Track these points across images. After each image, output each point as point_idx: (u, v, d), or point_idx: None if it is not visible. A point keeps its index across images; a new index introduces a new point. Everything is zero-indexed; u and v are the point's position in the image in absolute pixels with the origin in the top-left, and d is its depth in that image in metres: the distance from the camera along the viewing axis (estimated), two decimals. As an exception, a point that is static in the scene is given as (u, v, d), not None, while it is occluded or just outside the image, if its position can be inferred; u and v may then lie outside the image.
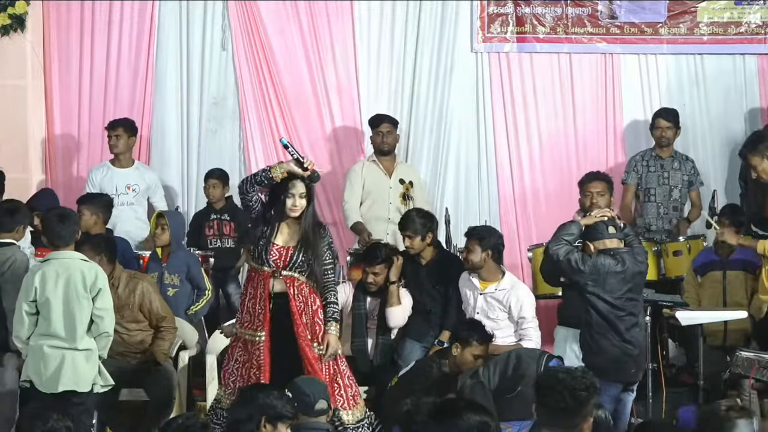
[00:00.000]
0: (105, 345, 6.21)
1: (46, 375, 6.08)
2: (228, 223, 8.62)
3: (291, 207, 6.05)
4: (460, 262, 7.41)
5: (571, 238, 6.33)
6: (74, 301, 6.07)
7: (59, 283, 6.08)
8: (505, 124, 9.20)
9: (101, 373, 6.22)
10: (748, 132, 8.99)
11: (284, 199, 6.06)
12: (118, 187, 8.55)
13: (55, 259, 6.18)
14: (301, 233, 6.10)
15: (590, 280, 6.19)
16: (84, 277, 6.10)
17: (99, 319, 6.13)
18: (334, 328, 6.15)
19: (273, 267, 6.06)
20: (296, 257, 6.07)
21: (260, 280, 6.11)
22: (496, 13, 9.16)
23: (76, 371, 6.09)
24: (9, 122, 8.97)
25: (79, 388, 6.10)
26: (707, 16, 9.12)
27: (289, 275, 6.07)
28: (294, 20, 9.19)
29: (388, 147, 8.54)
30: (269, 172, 6.02)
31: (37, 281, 6.11)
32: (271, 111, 9.20)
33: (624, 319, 6.22)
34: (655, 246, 8.01)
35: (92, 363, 6.16)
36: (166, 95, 9.23)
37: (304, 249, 6.07)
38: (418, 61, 9.19)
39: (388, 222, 8.36)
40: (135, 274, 7.18)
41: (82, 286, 6.09)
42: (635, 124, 9.15)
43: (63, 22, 9.20)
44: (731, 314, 7.21)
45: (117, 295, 6.90)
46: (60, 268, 6.12)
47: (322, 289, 6.16)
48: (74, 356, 6.09)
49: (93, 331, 6.14)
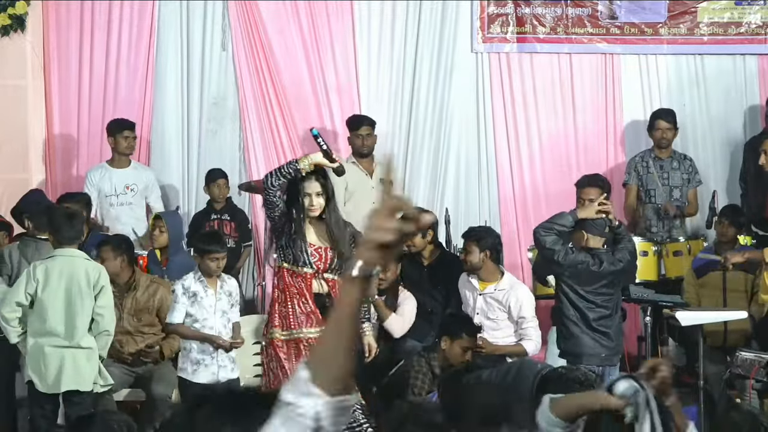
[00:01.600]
0: (105, 344, 6.22)
1: (47, 375, 6.10)
2: (228, 223, 8.63)
3: (309, 206, 5.90)
4: (461, 262, 7.41)
5: (562, 229, 6.55)
6: (77, 298, 6.11)
7: (62, 281, 6.13)
8: (505, 124, 9.20)
9: (101, 373, 6.23)
10: (748, 132, 8.99)
11: (302, 199, 5.91)
12: (116, 188, 8.55)
13: (60, 256, 6.23)
14: (328, 233, 5.96)
15: (567, 272, 6.54)
16: (88, 275, 6.15)
17: (99, 317, 6.16)
18: (371, 329, 6.09)
19: (315, 269, 5.91)
20: (335, 259, 5.94)
21: (301, 280, 5.90)
22: (496, 14, 9.16)
23: (78, 370, 6.11)
24: (9, 122, 8.97)
25: (81, 388, 6.12)
26: (707, 16, 9.11)
27: (331, 277, 5.95)
28: (294, 20, 9.18)
29: (368, 149, 8.53)
30: (296, 164, 5.87)
31: (40, 275, 6.16)
32: (271, 111, 9.20)
33: (594, 311, 6.54)
34: (655, 246, 8.00)
35: (93, 362, 6.17)
36: (166, 95, 9.23)
37: (337, 249, 5.94)
38: (418, 62, 9.19)
39: None
40: (155, 278, 7.24)
41: (86, 283, 6.13)
42: (635, 125, 9.15)
43: (63, 22, 9.20)
44: (731, 314, 7.19)
45: (136, 299, 6.95)
46: (64, 265, 6.18)
47: None
48: (75, 355, 6.10)
49: (93, 330, 6.15)
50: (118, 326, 6.92)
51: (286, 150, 9.18)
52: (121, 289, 6.97)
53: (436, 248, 7.59)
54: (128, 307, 6.98)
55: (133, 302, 6.98)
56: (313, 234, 5.98)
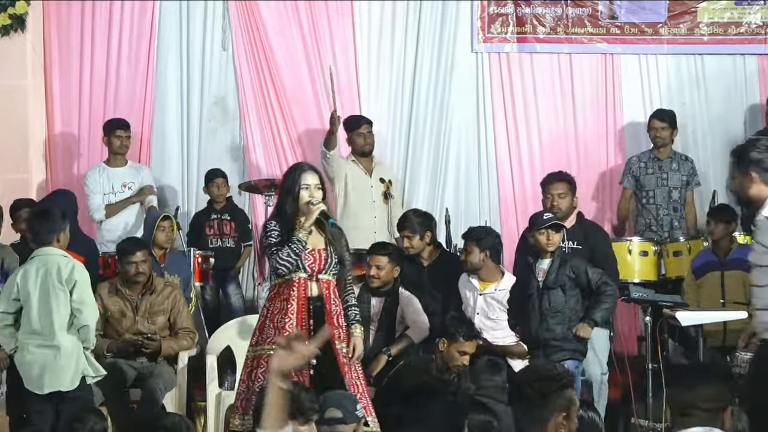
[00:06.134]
0: (86, 335, 6.20)
1: (32, 375, 6.12)
2: (228, 223, 8.63)
3: (309, 198, 5.80)
4: (461, 262, 7.40)
5: None
6: (51, 294, 6.12)
7: (38, 279, 6.13)
8: (506, 124, 9.20)
9: (91, 364, 6.22)
10: (749, 132, 8.98)
11: (298, 192, 5.82)
12: (114, 186, 8.55)
13: (38, 256, 6.24)
14: (324, 233, 5.90)
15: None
16: (60, 270, 6.12)
17: (77, 312, 6.16)
18: (360, 330, 6.01)
19: (309, 272, 5.84)
20: (330, 259, 5.88)
21: (294, 288, 5.83)
22: (496, 14, 9.16)
23: (58, 373, 6.11)
24: (9, 122, 8.96)
25: (63, 388, 6.11)
26: (707, 16, 9.11)
27: (325, 278, 5.89)
28: (294, 20, 9.18)
29: (370, 148, 8.52)
30: (299, 238, 5.74)
31: (18, 278, 6.19)
32: (271, 111, 9.20)
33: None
34: (655, 246, 8.00)
35: (74, 360, 6.15)
36: (166, 95, 9.23)
37: (333, 249, 5.89)
38: (418, 61, 9.19)
39: (375, 220, 8.35)
40: (168, 281, 7.26)
41: (57, 279, 6.11)
42: (635, 125, 9.14)
43: (63, 22, 9.20)
44: (731, 314, 7.18)
45: (150, 302, 6.95)
46: (39, 263, 6.18)
47: (342, 292, 5.97)
48: (55, 355, 6.10)
49: (75, 325, 6.15)
50: (132, 329, 6.95)
51: (287, 150, 9.19)
52: (137, 291, 6.99)
53: (436, 249, 7.59)
54: (143, 310, 6.98)
55: (147, 305, 6.99)
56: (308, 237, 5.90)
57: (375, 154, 8.61)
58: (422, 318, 7.19)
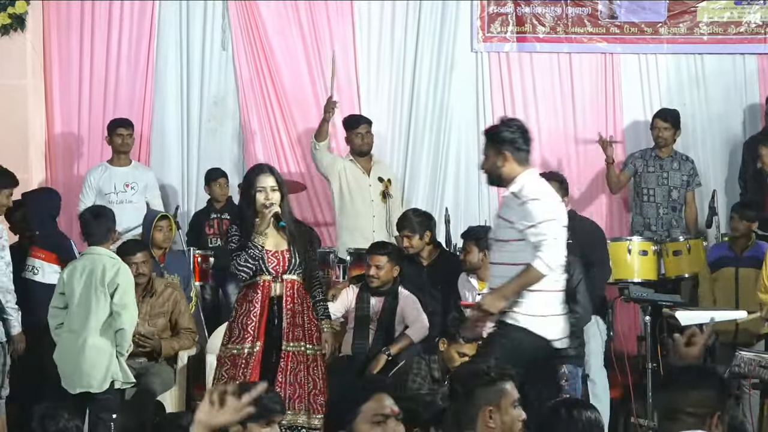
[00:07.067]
0: (121, 342, 6.26)
1: (65, 374, 6.20)
2: (228, 223, 8.62)
3: (264, 201, 5.82)
4: (461, 262, 7.40)
5: None
6: (92, 294, 6.22)
7: (83, 277, 6.26)
8: (505, 123, 9.19)
9: (122, 370, 6.27)
10: (748, 131, 8.99)
11: (254, 195, 5.85)
12: (116, 186, 8.55)
13: (87, 254, 6.42)
14: (287, 234, 5.93)
15: None
16: (104, 271, 6.23)
17: (116, 315, 6.27)
18: (328, 326, 6.09)
19: (273, 274, 5.91)
20: (294, 259, 5.93)
21: (258, 290, 5.90)
22: (496, 13, 9.16)
23: (88, 373, 6.16)
24: (9, 122, 8.97)
25: (93, 390, 6.16)
26: (707, 15, 9.11)
27: (290, 278, 5.95)
28: (294, 20, 9.19)
29: (368, 147, 8.52)
30: (255, 241, 5.81)
31: (65, 274, 6.36)
32: (271, 111, 9.21)
33: None
34: (655, 246, 7.99)
35: (106, 362, 6.20)
36: (166, 95, 9.24)
37: (295, 248, 5.93)
38: (418, 61, 9.19)
39: (373, 220, 8.34)
40: (169, 282, 7.29)
41: (100, 280, 6.21)
42: (635, 124, 9.15)
43: (63, 22, 9.21)
44: (731, 314, 7.15)
45: (150, 304, 6.98)
46: (87, 262, 6.34)
47: (310, 287, 6.02)
48: (87, 356, 6.14)
49: (112, 327, 6.22)
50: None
51: (286, 150, 9.20)
52: (138, 293, 6.99)
53: (435, 248, 7.59)
54: (143, 313, 6.98)
55: (148, 307, 7.00)
56: (270, 238, 5.92)
57: (374, 153, 8.61)
58: (422, 317, 7.19)
